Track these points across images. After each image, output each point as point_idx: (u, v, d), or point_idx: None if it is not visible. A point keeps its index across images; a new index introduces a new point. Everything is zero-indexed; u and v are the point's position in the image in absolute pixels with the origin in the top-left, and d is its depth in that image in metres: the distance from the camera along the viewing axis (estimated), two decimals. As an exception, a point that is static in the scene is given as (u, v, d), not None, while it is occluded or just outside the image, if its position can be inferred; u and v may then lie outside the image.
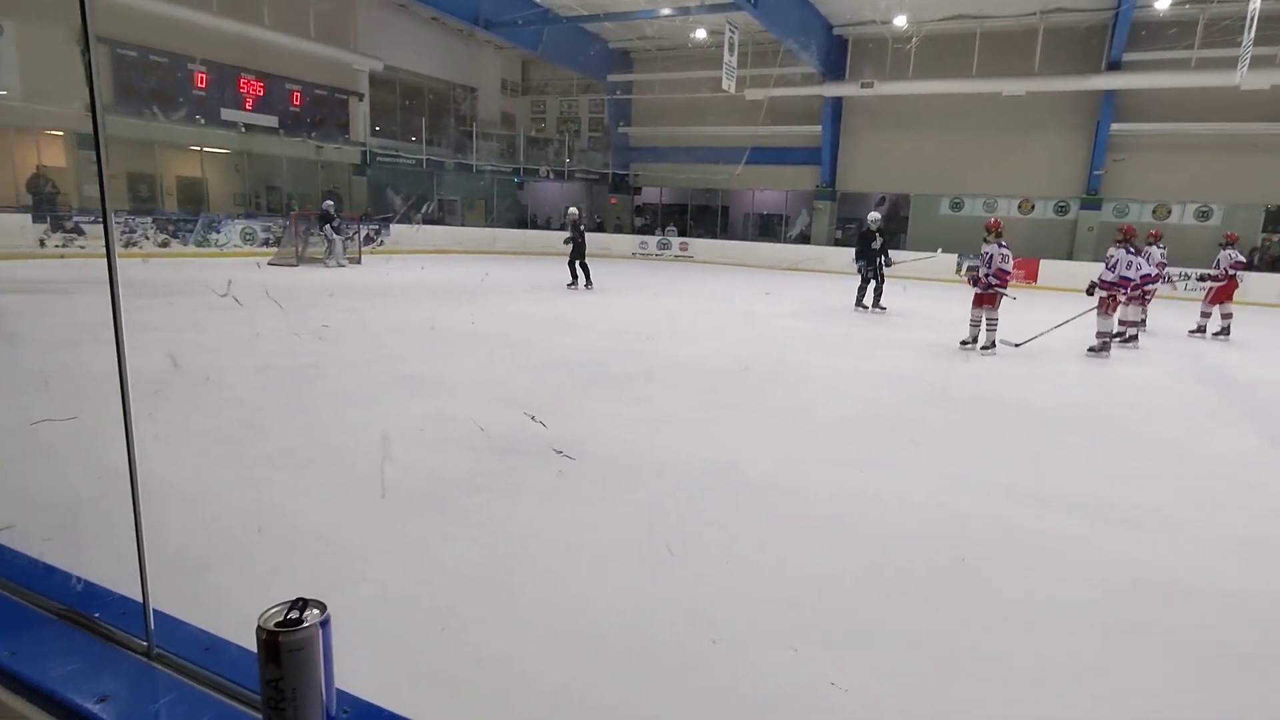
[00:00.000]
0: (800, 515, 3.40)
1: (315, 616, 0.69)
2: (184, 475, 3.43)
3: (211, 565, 2.62)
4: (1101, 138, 17.81)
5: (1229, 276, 9.91)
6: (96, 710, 0.79)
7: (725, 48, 17.40)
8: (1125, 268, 8.03)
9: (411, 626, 2.33)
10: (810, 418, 5.18)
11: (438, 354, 6.80)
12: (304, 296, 10.05)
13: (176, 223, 15.47)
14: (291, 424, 4.43)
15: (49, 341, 6.35)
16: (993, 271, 7.91)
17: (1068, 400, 6.06)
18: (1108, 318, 8.12)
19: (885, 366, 7.13)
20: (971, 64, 18.35)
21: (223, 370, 5.55)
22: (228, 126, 17.03)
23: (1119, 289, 8.08)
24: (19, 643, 0.90)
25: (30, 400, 4.46)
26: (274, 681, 0.67)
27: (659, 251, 21.97)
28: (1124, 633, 2.50)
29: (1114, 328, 8.20)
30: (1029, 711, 2.09)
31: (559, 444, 4.03)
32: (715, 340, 8.38)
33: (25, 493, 3.15)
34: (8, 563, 1.10)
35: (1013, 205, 19.47)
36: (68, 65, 13.06)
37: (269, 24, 16.87)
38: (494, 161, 22.88)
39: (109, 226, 1.01)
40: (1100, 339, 8.09)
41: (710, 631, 2.35)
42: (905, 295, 9.30)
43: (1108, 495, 3.83)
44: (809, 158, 21.33)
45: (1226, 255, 9.96)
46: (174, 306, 8.39)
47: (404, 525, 3.08)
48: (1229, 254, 9.96)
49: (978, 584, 2.81)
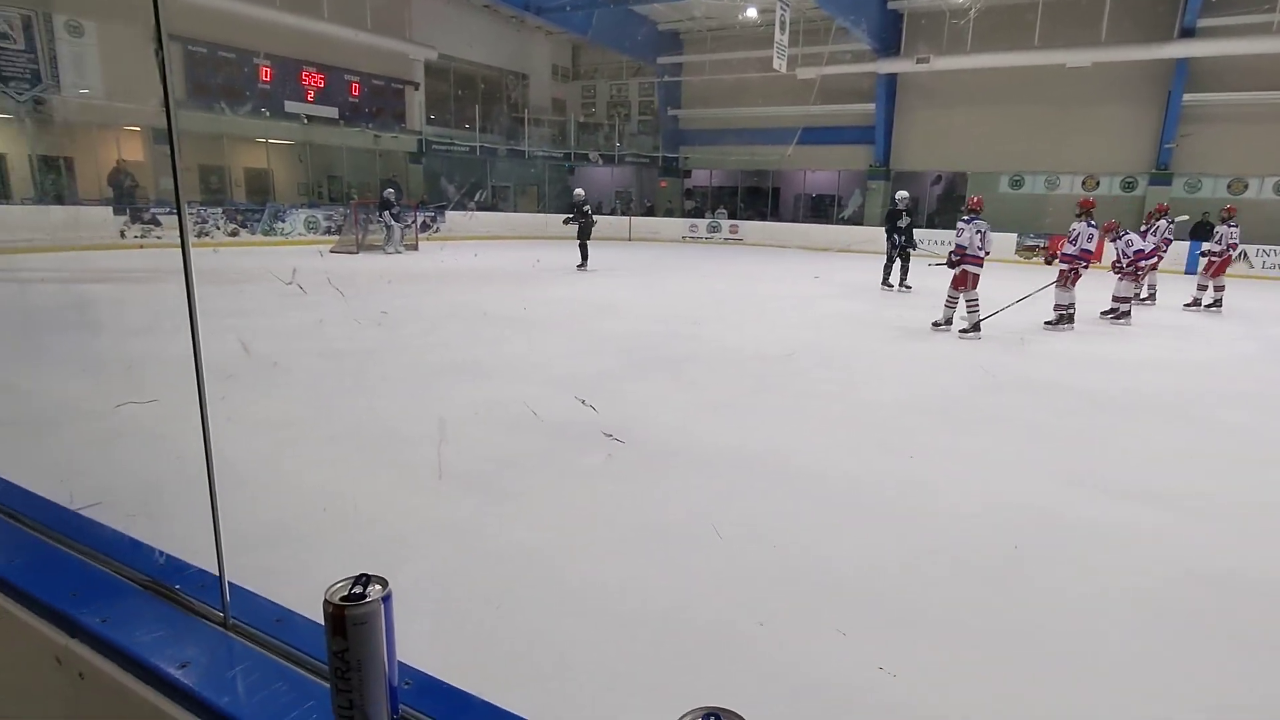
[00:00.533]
0: (848, 501, 3.36)
1: (378, 592, 0.72)
2: (255, 456, 3.60)
3: (281, 541, 2.75)
4: (1173, 109, 16.76)
5: (1229, 251, 10.13)
6: (178, 675, 0.85)
7: (776, 26, 16.99)
8: (1086, 240, 8.17)
9: (467, 603, 2.40)
10: (859, 403, 5.08)
11: (490, 339, 6.92)
12: (364, 283, 10.36)
13: (244, 213, 16.10)
14: (353, 407, 4.59)
15: (130, 328, 6.72)
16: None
17: (1128, 385, 5.80)
18: (1067, 291, 8.18)
19: (935, 351, 6.95)
20: (1033, 35, 17.46)
21: (289, 355, 5.78)
22: (291, 118, 17.57)
23: (1079, 262, 8.18)
24: (110, 611, 0.97)
25: (115, 384, 4.75)
26: (340, 653, 0.70)
27: (709, 235, 21.77)
28: (1183, 624, 2.40)
29: (1073, 300, 8.23)
30: (1083, 702, 2.03)
31: (608, 427, 4.06)
32: (764, 324, 8.29)
33: (112, 471, 3.36)
34: (99, 536, 1.18)
35: (1076, 182, 18.53)
36: (144, 63, 13.69)
37: (328, 17, 17.29)
38: (545, 147, 23.01)
39: (183, 219, 1.06)
40: (1058, 312, 8.17)
41: (757, 614, 2.36)
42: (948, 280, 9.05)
43: (1169, 483, 3.67)
44: (861, 137, 20.73)
45: (1229, 230, 10.09)
46: (243, 294, 8.75)
47: (459, 505, 3.17)
48: (1230, 229, 10.09)
49: (1031, 573, 2.73)
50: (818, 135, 20.52)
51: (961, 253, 7.63)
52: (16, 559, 1.09)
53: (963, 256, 7.63)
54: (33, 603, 1.00)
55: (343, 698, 0.71)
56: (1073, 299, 8.16)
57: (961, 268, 7.65)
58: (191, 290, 0.98)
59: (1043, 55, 17.21)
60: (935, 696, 2.03)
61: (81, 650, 0.93)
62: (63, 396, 4.64)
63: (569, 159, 23.62)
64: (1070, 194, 18.32)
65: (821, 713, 1.96)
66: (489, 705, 0.83)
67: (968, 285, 7.65)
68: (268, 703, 0.81)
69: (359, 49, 18.34)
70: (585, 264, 12.83)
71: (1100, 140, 17.91)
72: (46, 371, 5.20)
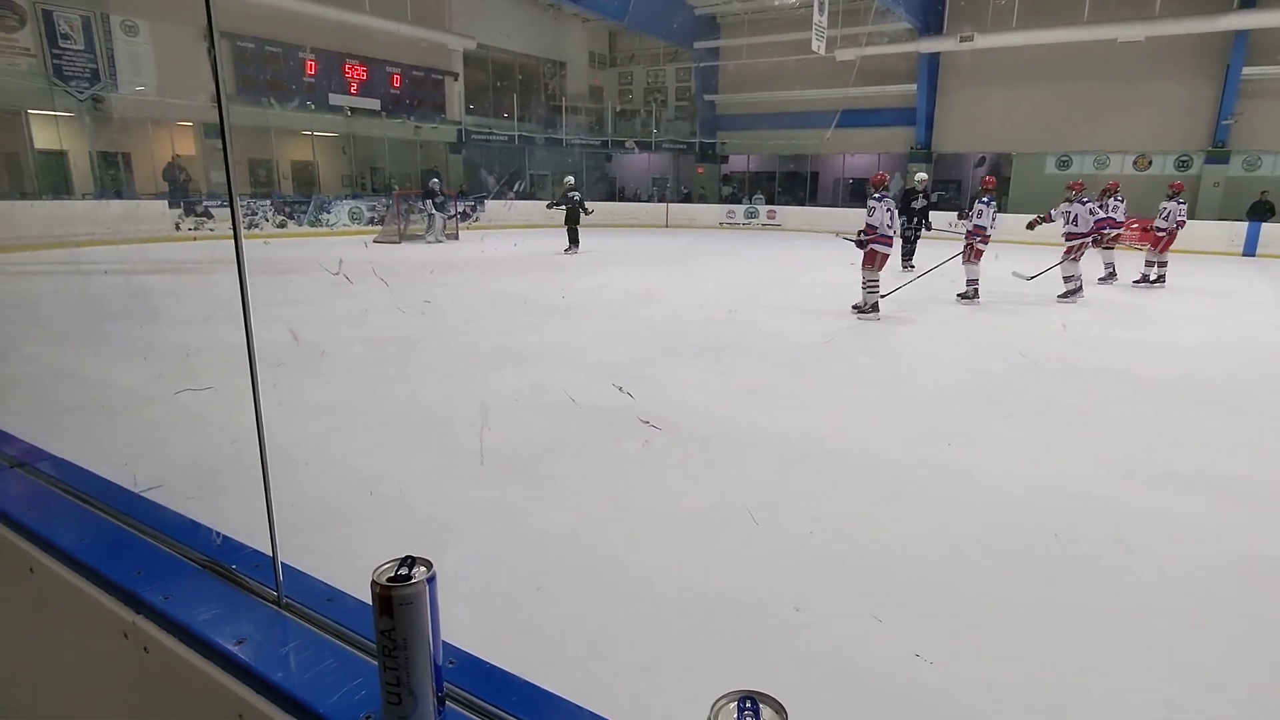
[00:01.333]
0: (886, 487, 3.32)
1: (423, 573, 0.74)
2: (305, 441, 3.72)
3: (331, 524, 2.84)
4: (1231, 83, 15.90)
5: (1176, 227, 10.48)
6: (235, 651, 0.89)
7: (815, 7, 16.62)
8: (978, 217, 8.62)
9: (509, 585, 2.45)
10: (898, 389, 5.00)
11: (530, 326, 6.99)
12: (406, 272, 10.55)
13: (292, 205, 16.51)
14: (398, 393, 4.70)
15: (187, 317, 6.98)
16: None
17: (1178, 371, 5.59)
18: (973, 265, 8.59)
19: (976, 336, 6.79)
20: (1082, 9, 16.73)
21: (336, 343, 5.94)
22: (335, 111, 17.92)
23: (975, 238, 8.59)
24: (172, 588, 1.02)
25: (173, 372, 4.94)
26: (387, 632, 0.73)
27: (746, 221, 21.54)
28: (1232, 615, 2.32)
29: (978, 275, 8.60)
30: (1127, 694, 1.98)
31: (646, 414, 4.08)
32: (801, 310, 8.19)
33: (171, 455, 3.51)
34: (160, 518, 1.24)
35: (1127, 161, 17.76)
36: (196, 60, 14.11)
37: (370, 10, 17.54)
38: (583, 135, 23.02)
39: (236, 213, 1.09)
40: (969, 286, 8.61)
41: (794, 600, 2.35)
42: (998, 261, 8.81)
43: (1222, 470, 3.53)
44: (902, 119, 20.22)
45: (1176, 207, 10.40)
46: (292, 284, 9.00)
47: (501, 490, 3.22)
48: (1178, 205, 10.42)
49: (1076, 561, 2.66)
50: (857, 118, 20.08)
51: (871, 232, 7.34)
52: (87, 539, 1.16)
53: (873, 236, 7.34)
54: (102, 580, 1.05)
55: (390, 675, 0.74)
56: (978, 273, 8.59)
57: (870, 247, 7.38)
58: (244, 282, 1.02)
59: (1093, 30, 16.51)
60: (973, 684, 2.00)
61: (146, 626, 0.98)
62: (126, 383, 4.85)
63: (606, 146, 23.58)
64: (1121, 174, 17.59)
65: (857, 698, 1.95)
66: (530, 685, 0.85)
67: (875, 265, 7.41)
68: (319, 678, 0.84)
69: (400, 41, 18.56)
70: (573, 248, 13.48)
71: (1153, 117, 17.14)
72: (109, 360, 5.44)
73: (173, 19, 14.51)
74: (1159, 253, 10.39)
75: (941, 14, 18.96)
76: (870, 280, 7.47)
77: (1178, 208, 10.39)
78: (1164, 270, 10.40)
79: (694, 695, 0.78)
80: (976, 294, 8.57)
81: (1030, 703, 1.95)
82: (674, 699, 1.90)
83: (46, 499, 1.33)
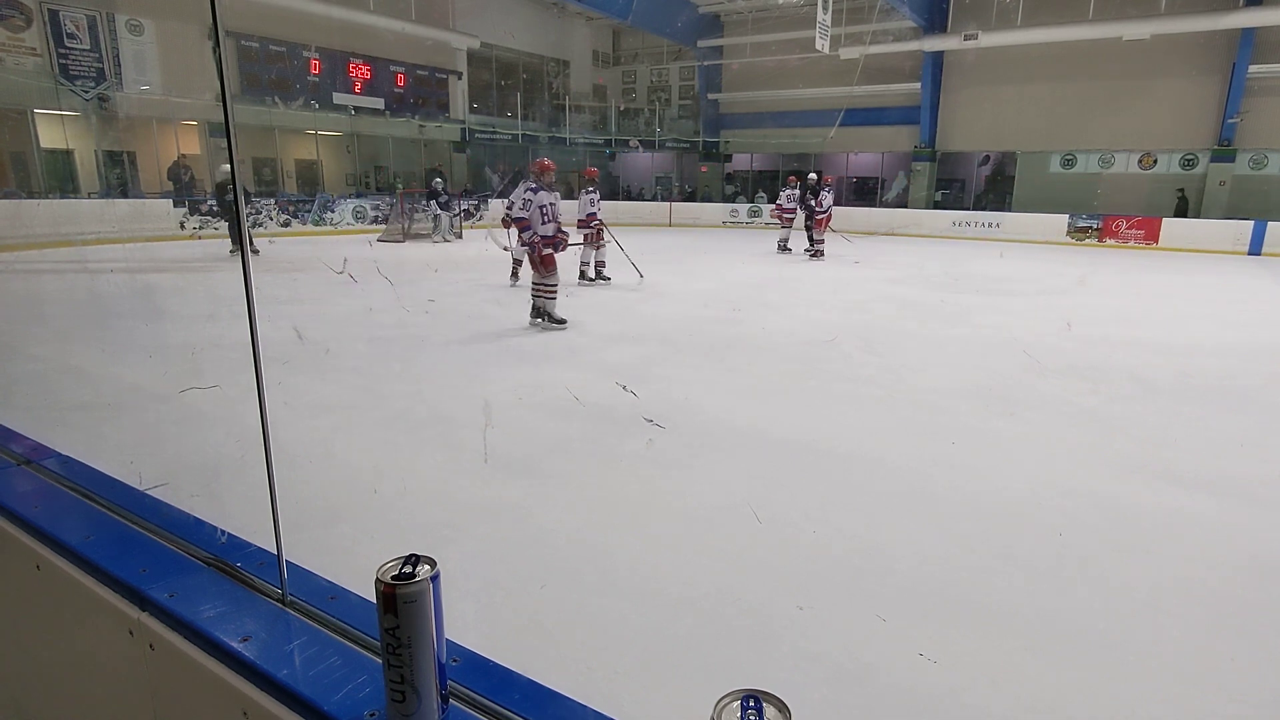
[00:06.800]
0: (890, 486, 3.31)
1: (427, 571, 0.75)
2: (309, 439, 3.73)
3: (335, 522, 2.84)
4: (1237, 81, 15.81)
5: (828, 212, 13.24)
6: (240, 648, 0.89)
7: (819, 5, 16.58)
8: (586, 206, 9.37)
9: (512, 583, 2.46)
10: (902, 388, 4.99)
11: (533, 324, 6.99)
12: (410, 271, 10.56)
13: (296, 203, 16.53)
14: (402, 391, 4.71)
15: (193, 316, 7.00)
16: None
17: (1184, 369, 5.56)
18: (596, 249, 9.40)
19: (980, 335, 6.76)
20: (1087, 7, 16.66)
21: (341, 342, 5.95)
22: (339, 110, 17.94)
23: (587, 227, 9.31)
24: (177, 586, 1.02)
25: (179, 370, 4.96)
26: (391, 630, 0.73)
27: (749, 219, 21.51)
28: (1244, 616, 2.31)
29: (593, 259, 9.40)
30: (1133, 697, 1.97)
31: (649, 413, 4.08)
32: (805, 309, 8.18)
33: (177, 453, 3.52)
34: (165, 515, 1.24)
35: (1132, 160, 17.69)
36: (200, 59, 14.14)
37: (374, 9, 17.55)
38: (586, 134, 23.01)
39: (241, 214, 1.10)
40: (585, 267, 9.45)
41: (797, 599, 2.35)
42: (1001, 261, 8.75)
43: (1230, 469, 3.52)
44: (906, 117, 20.16)
45: (826, 196, 13.01)
46: (297, 283, 9.02)
47: (504, 488, 3.23)
48: (826, 195, 13.07)
49: (1081, 561, 2.66)
50: (861, 117, 20.03)
51: (523, 224, 6.07)
52: (93, 536, 1.16)
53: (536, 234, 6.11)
54: (108, 578, 1.06)
55: (394, 672, 0.74)
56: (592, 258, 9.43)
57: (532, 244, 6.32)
58: (249, 281, 1.02)
59: (1098, 28, 16.43)
60: (977, 683, 2.00)
61: (151, 623, 0.98)
62: (132, 381, 4.87)
63: (610, 145, 23.57)
64: (1126, 172, 17.55)
65: (860, 697, 1.95)
66: (533, 682, 0.85)
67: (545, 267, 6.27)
68: (323, 676, 0.84)
69: (404, 40, 18.57)
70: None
71: (1158, 116, 17.07)
72: (116, 357, 5.46)
73: (178, 18, 14.55)
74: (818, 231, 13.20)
75: (946, 12, 18.90)
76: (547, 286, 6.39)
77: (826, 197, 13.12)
78: (820, 247, 13.15)
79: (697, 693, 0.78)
80: (597, 275, 9.50)
81: (1035, 702, 1.95)
82: (677, 697, 1.90)
83: (53, 496, 1.33)
